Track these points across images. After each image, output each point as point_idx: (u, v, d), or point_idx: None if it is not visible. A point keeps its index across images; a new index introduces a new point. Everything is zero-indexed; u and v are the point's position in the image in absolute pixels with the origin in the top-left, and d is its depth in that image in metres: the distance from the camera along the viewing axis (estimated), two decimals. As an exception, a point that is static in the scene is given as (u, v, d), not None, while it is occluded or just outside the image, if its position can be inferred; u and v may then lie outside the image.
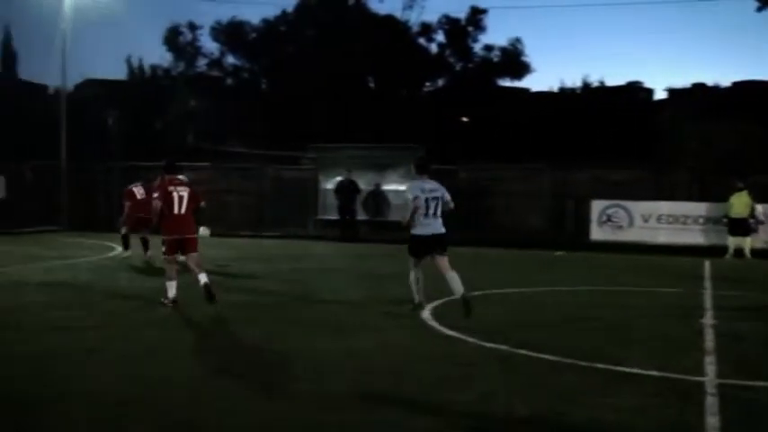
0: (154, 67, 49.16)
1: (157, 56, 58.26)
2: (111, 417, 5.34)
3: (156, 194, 10.53)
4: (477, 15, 49.06)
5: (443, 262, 9.52)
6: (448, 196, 9.72)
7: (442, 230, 9.54)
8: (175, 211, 10.08)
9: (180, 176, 11.05)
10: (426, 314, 9.49)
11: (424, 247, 9.51)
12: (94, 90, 46.67)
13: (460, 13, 49.98)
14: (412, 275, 9.73)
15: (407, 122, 40.74)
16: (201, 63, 50.87)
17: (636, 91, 53.56)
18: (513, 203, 22.85)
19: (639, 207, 20.98)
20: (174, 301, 9.92)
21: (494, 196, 23.10)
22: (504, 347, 7.61)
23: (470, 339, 8.01)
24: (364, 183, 23.27)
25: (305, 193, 24.38)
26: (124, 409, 5.50)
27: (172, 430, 5.17)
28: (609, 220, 21.09)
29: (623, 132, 42.43)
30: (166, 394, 5.94)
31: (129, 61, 45.18)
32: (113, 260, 15.94)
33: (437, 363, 7.12)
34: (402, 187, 23.42)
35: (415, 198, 9.31)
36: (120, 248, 16.44)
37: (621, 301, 11.47)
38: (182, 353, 7.39)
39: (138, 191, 15.74)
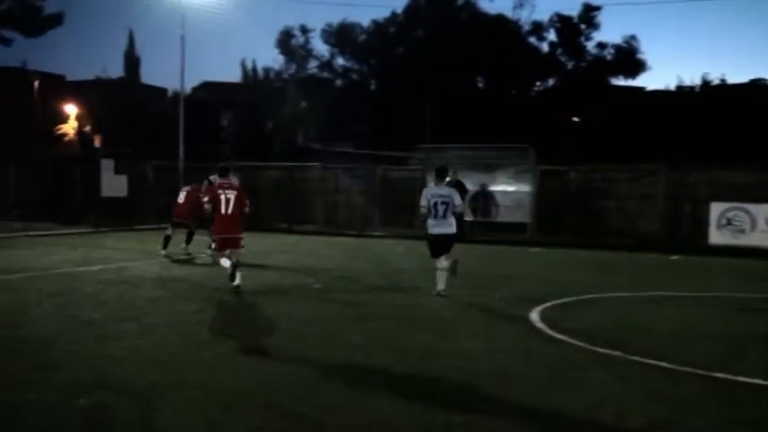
0: (266, 70, 50.49)
1: (270, 59, 59.86)
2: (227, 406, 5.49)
3: (205, 198, 11.24)
4: (590, 13, 48.04)
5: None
6: (457, 201, 11.04)
7: (450, 231, 10.93)
8: (222, 211, 11.05)
9: (231, 179, 11.97)
10: (535, 316, 9.33)
11: (435, 245, 10.98)
12: (210, 92, 48.32)
13: (573, 10, 49.10)
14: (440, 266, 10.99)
15: (516, 123, 40.26)
16: (312, 65, 51.91)
17: (760, 88, 51.01)
18: (625, 205, 22.16)
19: (763, 210, 19.94)
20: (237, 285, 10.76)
21: (605, 198, 22.47)
22: (616, 353, 7.37)
23: (580, 344, 7.81)
24: (472, 183, 23.10)
25: (412, 194, 24.41)
26: (235, 400, 5.65)
27: (280, 423, 5.25)
28: (729, 223, 20.13)
29: (745, 132, 40.47)
30: (278, 388, 6.05)
31: (243, 64, 46.58)
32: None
33: (546, 366, 6.97)
34: (510, 188, 23.30)
35: (426, 201, 10.87)
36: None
37: (741, 307, 10.92)
38: (294, 351, 7.52)
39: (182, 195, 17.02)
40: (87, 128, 42.11)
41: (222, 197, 11.11)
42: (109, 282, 11.94)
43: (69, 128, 43.17)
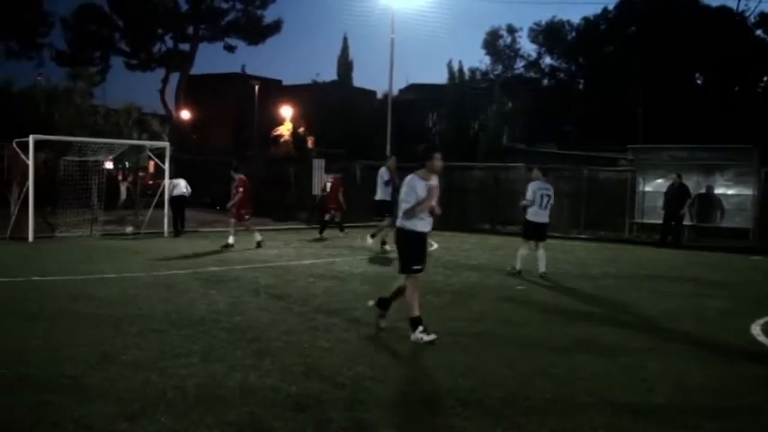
0: (473, 71, 50.64)
1: (476, 59, 60.02)
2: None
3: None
4: (827, 0, 43.82)
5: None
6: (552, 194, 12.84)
7: (547, 221, 12.91)
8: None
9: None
10: (757, 330, 8.63)
11: (534, 231, 12.89)
12: (417, 94, 49.22)
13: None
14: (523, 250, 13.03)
15: (739, 121, 37.55)
16: (519, 65, 51.43)
17: None
18: None
19: None
20: None
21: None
22: None
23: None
24: (689, 185, 21.83)
25: (622, 196, 23.49)
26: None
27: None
28: None
29: None
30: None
31: (449, 65, 46.96)
32: (430, 255, 16.61)
33: (765, 383, 6.43)
34: (730, 191, 21.72)
35: (532, 194, 12.64)
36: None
37: None
38: (490, 352, 7.46)
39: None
40: (301, 129, 44.39)
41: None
42: (319, 276, 12.49)
43: (285, 129, 45.74)
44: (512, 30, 50.49)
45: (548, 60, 51.24)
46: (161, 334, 7.70)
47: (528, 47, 51.32)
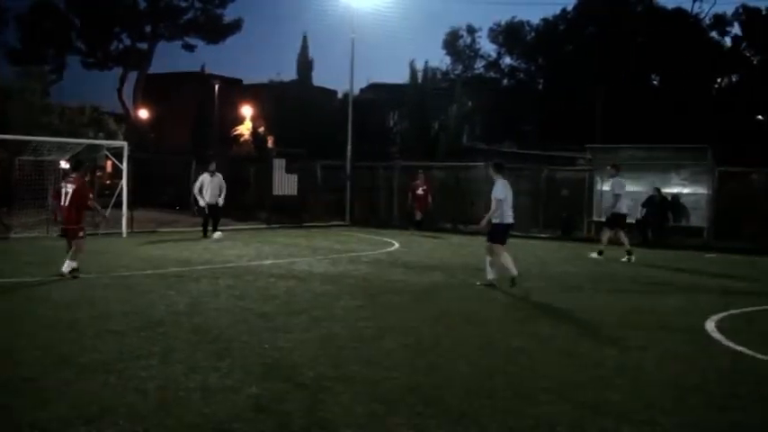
0: (433, 71, 50.78)
1: (437, 59, 60.25)
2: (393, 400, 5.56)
3: None
4: (779, 3, 44.81)
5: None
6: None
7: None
8: (61, 203, 12.10)
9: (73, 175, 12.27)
10: (711, 326, 8.80)
11: (506, 233, 11.91)
12: (378, 93, 49.22)
13: (760, 2, 46.08)
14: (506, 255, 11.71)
15: (694, 122, 38.23)
16: (479, 65, 51.71)
17: None
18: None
19: None
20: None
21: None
22: (803, 369, 6.82)
23: (762, 357, 7.28)
24: (644, 185, 22.18)
25: (580, 195, 23.78)
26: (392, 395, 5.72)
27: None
28: None
29: None
30: (440, 384, 6.06)
31: (412, 65, 47.09)
32: (391, 255, 16.68)
33: (724, 379, 6.56)
34: (686, 190, 22.10)
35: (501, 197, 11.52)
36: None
37: None
38: (457, 350, 7.51)
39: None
40: (261, 129, 44.15)
41: (63, 190, 11.97)
42: (279, 276, 12.44)
43: (245, 129, 45.46)
44: (471, 30, 50.76)
45: (507, 60, 51.63)
46: (119, 336, 7.60)
47: (488, 47, 51.67)
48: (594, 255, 16.75)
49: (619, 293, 11.70)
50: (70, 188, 11.80)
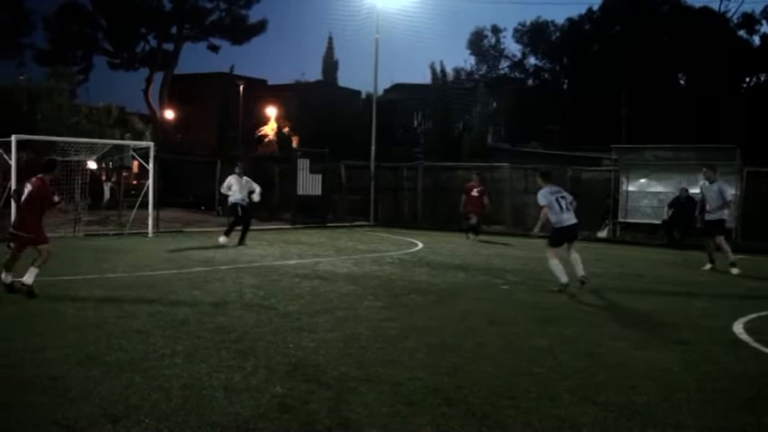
0: (457, 71, 50.74)
1: (461, 60, 60.09)
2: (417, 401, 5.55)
3: None
4: (809, 1, 44.22)
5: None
6: (570, 196, 11.96)
7: (575, 221, 11.68)
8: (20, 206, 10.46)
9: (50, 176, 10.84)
10: (739, 328, 8.69)
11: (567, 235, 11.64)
12: (402, 94, 49.24)
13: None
14: (555, 262, 11.46)
15: (722, 121, 37.82)
16: (503, 65, 51.54)
17: None
18: None
19: None
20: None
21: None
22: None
23: (792, 360, 7.18)
24: (670, 186, 21.99)
25: (605, 195, 23.61)
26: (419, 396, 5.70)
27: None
28: None
29: None
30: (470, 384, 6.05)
31: (432, 66, 47.05)
32: (414, 255, 16.66)
33: (749, 383, 6.48)
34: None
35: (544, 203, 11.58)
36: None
37: None
38: (480, 351, 7.48)
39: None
40: (286, 129, 44.32)
41: (26, 191, 10.21)
42: (304, 276, 12.47)
43: (269, 129, 45.65)
44: (496, 30, 50.64)
45: (532, 60, 51.43)
46: (145, 335, 7.66)
47: (512, 47, 51.51)
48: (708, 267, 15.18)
49: (645, 294, 11.59)
50: (27, 189, 10.23)
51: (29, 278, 9.78)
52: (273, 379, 6.13)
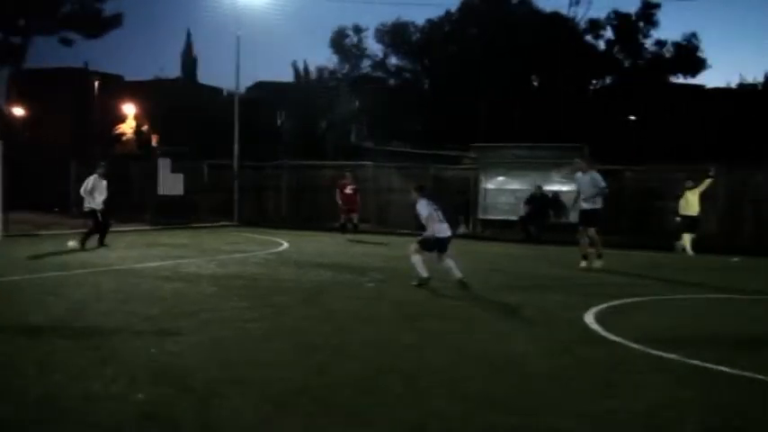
0: (320, 69, 50.79)
1: (324, 58, 60.18)
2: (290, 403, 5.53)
3: None
4: (649, 10, 47.16)
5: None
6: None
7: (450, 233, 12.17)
8: None
9: None
10: (589, 318, 9.19)
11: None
12: (264, 92, 48.81)
13: (631, 8, 48.29)
14: (418, 257, 11.87)
15: (572, 121, 39.78)
16: (365, 64, 51.99)
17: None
18: (683, 206, 21.65)
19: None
20: None
21: (663, 198, 21.99)
22: (673, 356, 7.21)
23: (636, 346, 7.65)
24: (526, 183, 22.95)
25: (465, 193, 24.33)
26: (292, 397, 5.69)
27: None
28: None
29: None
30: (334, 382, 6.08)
31: (294, 64, 46.97)
32: (280, 255, 16.58)
33: (601, 369, 6.86)
34: (564, 188, 22.95)
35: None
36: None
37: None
38: (348, 349, 7.54)
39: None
40: (145, 127, 42.98)
41: None
42: (165, 278, 12.15)
43: (127, 127, 44.15)
44: (358, 29, 50.98)
45: (394, 60, 52.12)
46: (-6, 345, 7.24)
47: (374, 46, 52.03)
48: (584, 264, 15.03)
49: (505, 288, 12.03)
50: None
51: None
52: (136, 386, 5.94)
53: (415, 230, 23.33)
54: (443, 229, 11.95)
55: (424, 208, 12.03)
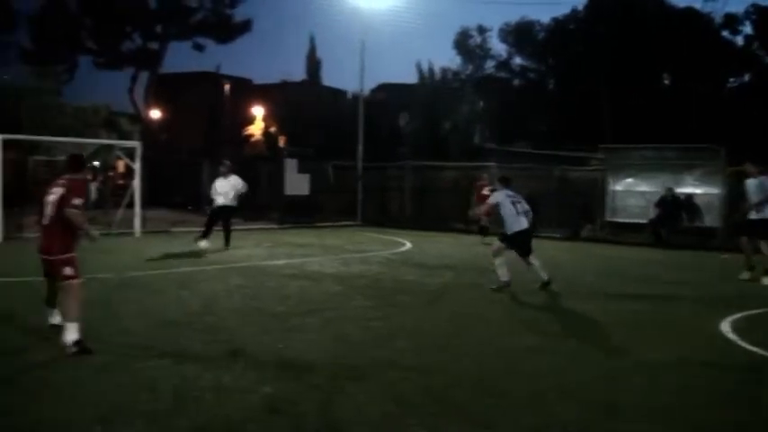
0: (444, 70, 50.74)
1: (447, 59, 59.99)
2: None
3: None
4: (792, 2, 44.51)
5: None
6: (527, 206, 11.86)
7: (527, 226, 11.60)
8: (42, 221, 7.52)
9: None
10: (726, 327, 8.75)
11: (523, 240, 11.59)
12: (388, 94, 49.23)
13: (772, 1, 45.71)
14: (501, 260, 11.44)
15: (706, 121, 38.06)
16: (489, 65, 51.55)
17: None
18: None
19: None
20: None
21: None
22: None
23: (777, 358, 7.24)
24: (655, 185, 22.13)
25: (592, 195, 23.72)
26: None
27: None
28: None
29: None
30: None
31: (418, 65, 47.03)
32: (402, 255, 16.67)
33: (735, 380, 6.54)
34: (698, 191, 21.99)
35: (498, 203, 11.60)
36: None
37: None
38: (467, 350, 7.50)
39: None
40: (273, 129, 44.21)
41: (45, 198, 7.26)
42: (291, 276, 12.45)
43: (256, 129, 45.56)
44: (482, 30, 50.58)
45: (518, 60, 51.44)
46: (133, 336, 7.63)
47: (498, 47, 51.51)
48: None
49: (631, 294, 11.63)
50: (54, 196, 7.12)
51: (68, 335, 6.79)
52: (263, 379, 6.12)
53: (537, 233, 23.03)
54: (521, 223, 11.47)
55: (495, 197, 11.86)
